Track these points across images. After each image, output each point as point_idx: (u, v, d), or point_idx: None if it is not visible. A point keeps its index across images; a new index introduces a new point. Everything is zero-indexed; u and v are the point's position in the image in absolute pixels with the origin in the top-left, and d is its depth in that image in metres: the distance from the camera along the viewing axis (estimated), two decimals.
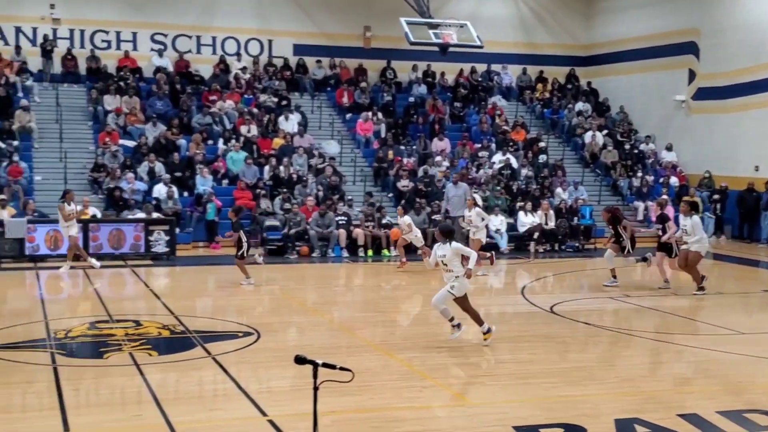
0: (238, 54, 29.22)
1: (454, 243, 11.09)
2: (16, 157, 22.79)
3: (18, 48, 27.01)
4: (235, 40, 29.43)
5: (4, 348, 10.92)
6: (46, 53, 27.11)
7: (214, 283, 18.10)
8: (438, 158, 26.01)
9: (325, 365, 5.63)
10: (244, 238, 16.67)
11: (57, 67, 27.35)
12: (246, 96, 27.74)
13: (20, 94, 25.63)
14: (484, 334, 11.35)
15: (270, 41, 29.79)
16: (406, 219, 19.40)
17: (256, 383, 9.53)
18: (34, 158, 24.08)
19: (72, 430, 7.80)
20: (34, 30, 27.51)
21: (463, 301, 11.26)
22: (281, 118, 26.79)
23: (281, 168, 24.26)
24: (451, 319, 11.30)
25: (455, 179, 22.54)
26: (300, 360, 5.70)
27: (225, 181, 24.17)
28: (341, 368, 5.72)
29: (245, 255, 16.69)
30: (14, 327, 12.38)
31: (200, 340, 11.54)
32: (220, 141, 25.40)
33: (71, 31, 27.88)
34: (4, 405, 8.60)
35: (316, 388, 5.67)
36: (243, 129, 25.79)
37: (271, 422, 8.09)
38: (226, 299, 15.94)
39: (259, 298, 16.15)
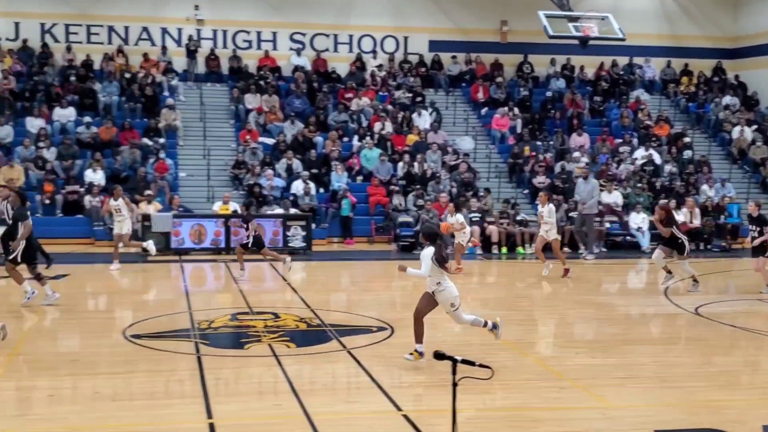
0: (373, 51, 29.46)
1: (428, 248, 10.24)
2: (162, 154, 23.75)
3: (164, 48, 28.13)
4: (371, 37, 29.68)
5: (151, 337, 11.35)
6: (191, 53, 28.11)
7: (348, 277, 18.31)
8: (576, 154, 25.44)
9: (464, 362, 5.54)
10: (251, 230, 16.83)
11: (201, 67, 28.31)
12: (381, 93, 27.93)
13: (166, 93, 26.74)
14: (415, 353, 9.93)
15: (405, 38, 29.89)
16: (459, 217, 18.40)
17: (389, 378, 9.52)
18: (179, 155, 25.03)
19: (215, 417, 8.00)
20: (179, 31, 28.56)
21: (426, 308, 10.37)
22: (415, 115, 26.84)
23: (415, 165, 24.31)
24: (485, 324, 10.45)
25: (585, 174, 21.84)
26: (439, 356, 5.64)
27: (359, 178, 24.43)
28: (480, 365, 5.62)
29: (248, 245, 16.87)
30: (160, 317, 12.86)
31: (335, 333, 11.67)
32: (355, 138, 25.68)
33: (214, 31, 28.79)
34: (151, 392, 8.92)
35: (455, 385, 5.58)
36: (377, 126, 25.98)
37: (405, 417, 8.07)
38: (360, 294, 16.11)
39: (392, 294, 16.19)
